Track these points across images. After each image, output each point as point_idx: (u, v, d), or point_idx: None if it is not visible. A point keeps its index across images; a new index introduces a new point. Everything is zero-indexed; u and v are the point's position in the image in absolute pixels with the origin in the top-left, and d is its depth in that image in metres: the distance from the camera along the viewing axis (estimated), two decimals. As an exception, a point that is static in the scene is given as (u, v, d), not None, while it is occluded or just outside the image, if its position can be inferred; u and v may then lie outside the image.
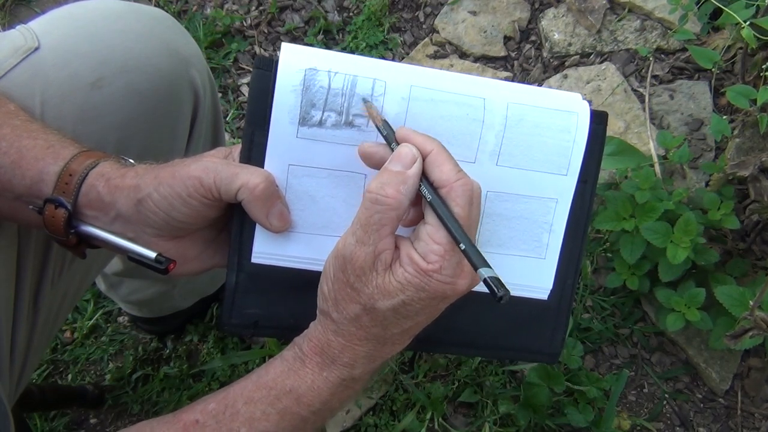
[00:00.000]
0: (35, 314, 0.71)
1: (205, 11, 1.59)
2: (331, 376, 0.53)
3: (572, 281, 0.62)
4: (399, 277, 0.49)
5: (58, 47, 0.66)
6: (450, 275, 0.49)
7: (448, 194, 0.49)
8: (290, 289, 0.59)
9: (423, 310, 0.51)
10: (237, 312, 0.59)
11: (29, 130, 0.58)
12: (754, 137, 1.15)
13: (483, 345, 0.63)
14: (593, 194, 0.61)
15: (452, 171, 0.50)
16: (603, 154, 0.60)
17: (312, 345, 0.53)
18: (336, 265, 0.51)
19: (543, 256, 0.61)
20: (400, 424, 1.15)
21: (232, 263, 0.58)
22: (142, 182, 0.54)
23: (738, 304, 1.03)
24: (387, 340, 0.52)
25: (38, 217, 0.56)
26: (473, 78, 0.57)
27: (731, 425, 1.20)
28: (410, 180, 0.49)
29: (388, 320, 0.51)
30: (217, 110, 0.85)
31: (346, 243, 0.50)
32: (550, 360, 0.65)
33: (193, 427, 0.52)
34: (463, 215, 0.49)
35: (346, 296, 0.51)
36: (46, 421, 1.19)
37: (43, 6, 1.60)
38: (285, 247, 0.58)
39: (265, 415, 0.52)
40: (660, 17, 1.46)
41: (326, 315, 0.53)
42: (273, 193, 0.55)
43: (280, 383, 0.53)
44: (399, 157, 0.51)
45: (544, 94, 0.58)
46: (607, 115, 0.60)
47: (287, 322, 0.60)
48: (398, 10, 1.58)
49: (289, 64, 0.54)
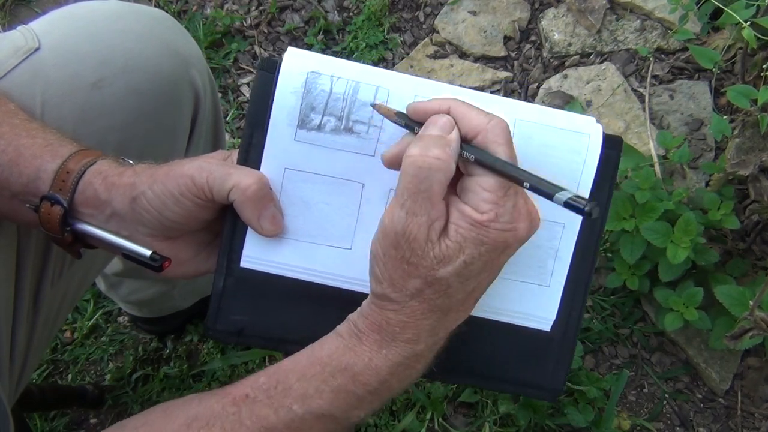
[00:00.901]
0: (35, 314, 0.71)
1: (205, 11, 1.59)
2: (391, 354, 0.50)
3: (578, 314, 0.58)
4: (454, 237, 0.46)
5: (59, 47, 0.66)
6: (508, 221, 0.46)
7: (485, 139, 0.47)
8: (279, 298, 0.57)
9: (485, 267, 0.48)
10: (223, 317, 0.57)
11: (28, 128, 0.58)
12: (755, 137, 1.15)
13: (480, 374, 0.60)
14: (604, 222, 0.58)
15: (480, 116, 0.48)
16: (615, 181, 0.57)
17: (368, 323, 0.50)
18: (386, 243, 0.48)
19: (547, 284, 0.57)
20: (400, 424, 1.15)
21: (221, 266, 0.57)
22: (138, 180, 0.54)
23: (738, 304, 1.03)
24: (451, 308, 0.50)
25: (35, 216, 0.56)
26: (480, 94, 0.54)
27: (731, 425, 1.20)
28: (453, 143, 0.47)
29: (452, 287, 0.48)
30: (218, 110, 0.85)
31: (395, 217, 0.47)
32: (550, 398, 0.61)
33: (243, 401, 0.51)
34: (510, 153, 0.47)
35: (403, 273, 0.48)
36: (46, 421, 1.19)
37: (43, 6, 1.60)
38: (276, 252, 0.56)
39: (318, 392, 0.50)
40: (660, 17, 1.46)
41: (383, 297, 0.50)
42: (265, 196, 0.54)
43: (335, 360, 0.50)
44: (435, 123, 0.48)
45: (554, 114, 0.55)
46: (621, 140, 0.56)
47: (274, 333, 0.58)
48: (398, 10, 1.58)
49: (292, 67, 0.54)
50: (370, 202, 0.56)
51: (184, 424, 0.51)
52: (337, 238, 0.56)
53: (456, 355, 0.58)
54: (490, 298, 0.56)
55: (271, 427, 0.50)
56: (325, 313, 0.54)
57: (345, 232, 0.56)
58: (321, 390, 0.50)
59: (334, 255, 0.57)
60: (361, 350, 0.50)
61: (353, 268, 0.56)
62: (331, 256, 0.57)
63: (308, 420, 0.50)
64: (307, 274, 0.57)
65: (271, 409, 0.50)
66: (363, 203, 0.56)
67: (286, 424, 0.50)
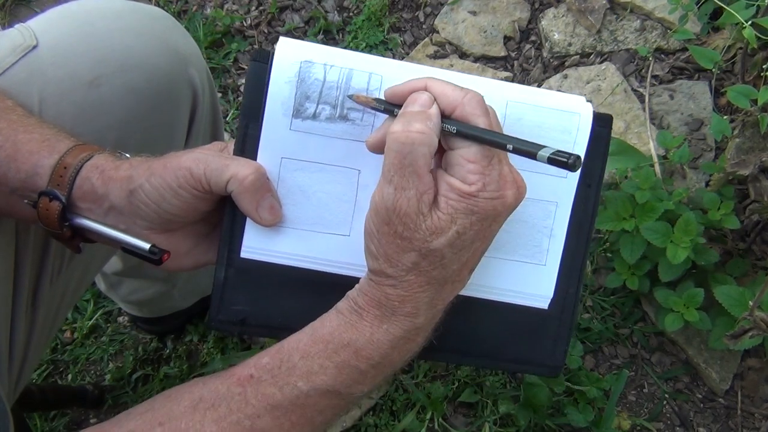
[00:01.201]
0: (34, 312, 0.71)
1: (205, 11, 1.59)
2: (392, 328, 0.51)
3: (575, 290, 0.60)
4: (445, 208, 0.47)
5: (57, 46, 0.66)
6: (495, 189, 0.47)
7: (463, 112, 0.48)
8: (280, 287, 0.58)
9: (478, 236, 0.49)
10: (225, 308, 0.58)
11: (25, 124, 0.58)
12: (755, 137, 1.15)
13: (480, 353, 0.61)
14: (597, 199, 0.59)
15: (455, 91, 0.49)
16: (607, 157, 0.58)
17: (368, 299, 0.51)
18: (377, 220, 0.49)
19: (543, 263, 0.59)
20: (400, 424, 1.15)
21: (222, 257, 0.57)
22: (135, 173, 0.54)
23: (737, 304, 1.03)
24: (447, 280, 0.51)
25: (33, 212, 0.56)
26: (472, 77, 0.56)
27: (731, 425, 1.20)
28: (434, 117, 0.48)
29: (446, 258, 0.49)
30: (216, 109, 0.85)
31: (384, 194, 0.48)
32: (551, 373, 0.62)
33: (248, 381, 0.51)
34: (487, 122, 0.48)
35: (398, 248, 0.49)
36: (46, 421, 1.19)
37: (42, 6, 1.60)
38: (275, 242, 0.57)
39: (322, 369, 0.51)
40: (660, 17, 1.46)
41: (380, 273, 0.50)
42: (263, 186, 0.54)
43: (337, 337, 0.51)
44: (415, 100, 0.49)
45: (545, 94, 0.56)
46: (611, 117, 0.58)
47: (276, 321, 0.59)
48: (398, 10, 1.58)
49: (285, 56, 0.54)
50: (366, 189, 0.56)
51: (190, 406, 0.51)
52: (335, 225, 0.57)
53: (456, 336, 0.59)
54: (488, 278, 0.58)
55: (277, 405, 0.51)
56: (326, 300, 0.55)
57: (343, 219, 0.57)
58: (325, 366, 0.51)
59: (333, 242, 0.57)
60: (362, 326, 0.51)
61: (352, 254, 0.57)
62: (330, 244, 0.57)
63: (313, 396, 0.51)
64: (307, 262, 0.58)
65: (276, 387, 0.51)
66: (360, 190, 0.57)
67: (291, 401, 0.51)
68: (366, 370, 0.52)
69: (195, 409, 0.51)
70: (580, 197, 0.58)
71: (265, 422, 0.51)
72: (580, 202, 0.58)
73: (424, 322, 0.52)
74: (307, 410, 0.52)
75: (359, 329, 0.51)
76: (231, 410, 0.51)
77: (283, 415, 0.51)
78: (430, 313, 0.52)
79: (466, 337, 0.60)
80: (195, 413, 0.51)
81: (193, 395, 0.52)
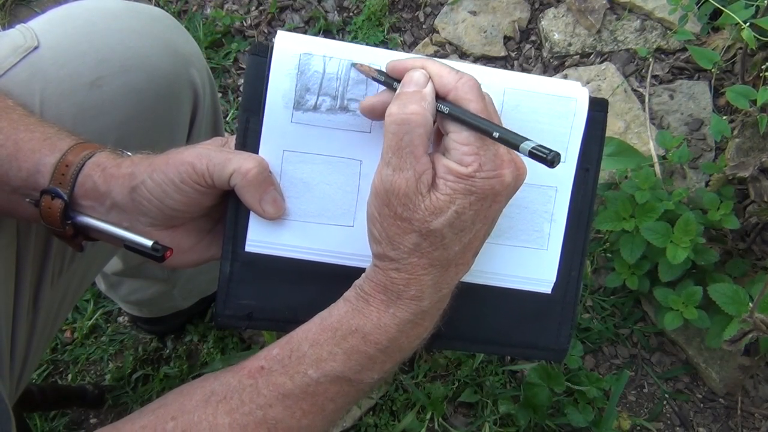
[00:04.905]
0: (35, 313, 0.71)
1: (205, 11, 1.59)
2: (399, 312, 0.51)
3: (577, 273, 0.60)
4: (443, 189, 0.48)
5: (58, 46, 0.66)
6: (491, 168, 0.48)
7: (456, 96, 0.49)
8: (285, 280, 0.58)
9: (478, 217, 0.50)
10: (231, 303, 0.58)
11: (26, 123, 0.58)
12: (754, 137, 1.15)
13: (485, 340, 0.62)
14: (596, 182, 0.60)
15: (451, 74, 0.49)
16: (604, 141, 0.59)
17: (373, 285, 0.52)
18: (378, 203, 0.50)
19: (545, 247, 0.59)
20: (400, 424, 1.15)
21: (227, 252, 0.57)
22: (137, 170, 0.54)
23: (731, 302, 1.03)
24: (450, 262, 0.51)
25: (35, 210, 0.56)
26: (470, 66, 0.56)
27: (731, 425, 1.20)
28: (428, 96, 0.49)
29: (446, 238, 0.49)
30: (217, 109, 0.85)
31: (383, 176, 0.49)
32: (557, 357, 0.63)
33: (258, 373, 0.52)
34: (480, 108, 0.48)
35: (398, 229, 0.49)
36: (46, 421, 1.19)
37: (43, 6, 1.60)
38: (279, 235, 0.57)
39: (331, 355, 0.51)
40: (660, 17, 1.46)
41: (383, 257, 0.51)
42: (266, 179, 0.54)
43: (345, 323, 0.52)
44: (410, 80, 0.50)
45: (542, 81, 0.57)
46: (607, 102, 0.59)
47: (282, 314, 0.59)
48: (398, 10, 1.58)
49: (284, 49, 0.54)
50: (368, 179, 0.56)
51: (202, 399, 0.52)
52: (338, 216, 0.57)
53: (462, 323, 0.60)
54: (491, 264, 0.59)
55: (288, 394, 0.51)
56: (332, 291, 0.55)
57: (346, 210, 0.57)
58: (334, 353, 0.51)
59: (337, 233, 0.58)
60: (369, 311, 0.52)
61: (357, 245, 0.57)
62: (334, 235, 0.58)
63: (323, 383, 0.52)
64: (311, 254, 0.58)
65: (286, 376, 0.51)
66: (362, 180, 0.57)
67: (302, 389, 0.51)
68: (374, 354, 0.52)
69: (207, 403, 0.51)
70: (579, 181, 0.59)
71: (276, 411, 0.51)
72: (578, 187, 0.59)
73: (430, 305, 0.52)
74: (318, 398, 0.52)
75: (366, 315, 0.52)
76: (243, 401, 0.51)
77: (295, 404, 0.52)
78: (435, 297, 0.52)
79: (472, 325, 0.61)
80: (207, 406, 0.51)
81: (204, 389, 0.53)
